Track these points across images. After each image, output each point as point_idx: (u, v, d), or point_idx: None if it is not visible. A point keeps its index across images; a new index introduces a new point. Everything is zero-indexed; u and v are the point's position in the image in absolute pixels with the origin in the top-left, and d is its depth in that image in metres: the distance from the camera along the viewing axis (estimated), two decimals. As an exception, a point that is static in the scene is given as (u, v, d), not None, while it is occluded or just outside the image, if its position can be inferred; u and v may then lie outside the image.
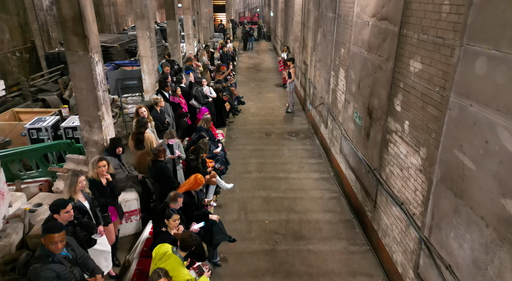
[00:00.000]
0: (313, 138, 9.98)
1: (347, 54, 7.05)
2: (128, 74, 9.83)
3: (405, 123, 4.37)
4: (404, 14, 4.46)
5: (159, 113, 7.09)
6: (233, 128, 10.81)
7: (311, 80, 11.13)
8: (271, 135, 10.33)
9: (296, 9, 14.52)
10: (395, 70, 4.70)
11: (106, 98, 5.85)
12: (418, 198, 3.99)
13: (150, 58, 9.02)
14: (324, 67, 9.19)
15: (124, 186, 5.56)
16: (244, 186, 7.43)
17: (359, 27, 6.27)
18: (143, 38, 8.83)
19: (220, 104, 10.34)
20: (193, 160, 5.97)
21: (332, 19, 8.24)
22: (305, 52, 12.39)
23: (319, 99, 9.77)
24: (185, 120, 8.40)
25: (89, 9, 5.36)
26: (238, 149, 9.31)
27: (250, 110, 12.58)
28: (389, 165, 4.87)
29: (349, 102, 6.85)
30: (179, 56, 12.69)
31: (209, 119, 7.60)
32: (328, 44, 8.65)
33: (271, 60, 22.24)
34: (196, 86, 8.74)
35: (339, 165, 7.57)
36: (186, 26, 15.88)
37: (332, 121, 8.27)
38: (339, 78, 7.63)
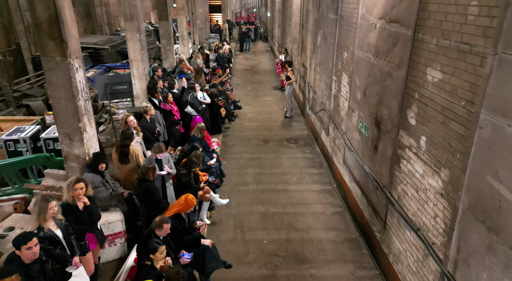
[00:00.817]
0: (313, 146, 9.49)
1: (350, 59, 6.56)
2: (118, 79, 9.29)
3: (421, 139, 3.88)
4: (419, 16, 3.97)
5: (149, 123, 6.56)
6: (229, 135, 10.29)
7: (310, 84, 10.64)
8: (269, 142, 9.82)
9: (294, 9, 14.04)
10: (408, 79, 4.21)
11: (89, 108, 5.32)
12: (439, 226, 3.50)
13: (140, 62, 8.49)
14: (324, 71, 8.70)
15: (108, 205, 5.04)
16: (241, 199, 6.92)
17: (364, 30, 5.78)
18: (133, 40, 8.30)
19: (215, 110, 9.82)
20: (184, 175, 5.45)
21: (334, 21, 7.76)
22: (304, 54, 11.90)
23: (319, 104, 9.28)
24: (177, 129, 7.88)
25: (68, 10, 4.83)
26: (235, 158, 8.80)
27: (247, 115, 12.07)
28: (401, 184, 4.38)
29: (353, 110, 6.36)
30: (172, 59, 12.15)
31: (203, 128, 7.08)
32: (329, 47, 8.17)
33: (268, 62, 21.76)
34: (190, 93, 8.21)
35: (342, 177, 7.08)
36: (181, 27, 15.34)
37: (334, 129, 7.78)
38: (342, 84, 7.14)
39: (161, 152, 5.15)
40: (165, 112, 7.59)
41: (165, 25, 11.63)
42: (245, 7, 56.00)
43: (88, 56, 13.73)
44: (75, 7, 15.24)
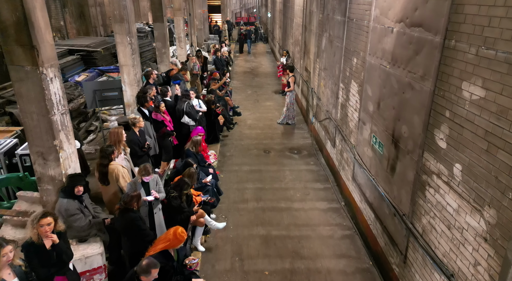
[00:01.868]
0: (318, 156, 8.86)
1: (361, 66, 5.93)
2: (108, 85, 8.67)
3: (454, 166, 3.25)
4: (450, 19, 3.34)
5: (137, 136, 5.92)
6: (228, 144, 9.66)
7: (314, 90, 10.01)
8: (270, 152, 9.19)
9: (296, 10, 13.41)
10: (435, 93, 3.58)
11: (67, 122, 4.69)
12: (482, 277, 2.86)
13: (131, 67, 7.87)
14: (330, 77, 8.07)
15: (86, 235, 4.40)
16: (240, 220, 6.28)
17: (378, 34, 5.15)
18: (123, 44, 7.67)
19: (213, 118, 9.18)
20: (175, 198, 4.81)
21: (341, 23, 7.12)
22: (307, 58, 11.27)
23: (324, 112, 8.64)
24: (170, 140, 7.24)
25: (40, 11, 4.20)
26: (233, 170, 8.16)
27: (247, 121, 11.43)
28: (427, 215, 3.74)
29: (364, 123, 5.73)
30: (168, 62, 11.51)
31: (198, 141, 6.45)
32: (336, 52, 7.53)
33: (268, 64, 21.12)
34: (185, 101, 7.57)
35: (351, 194, 6.44)
36: (178, 29, 14.70)
37: (341, 141, 7.15)
38: (351, 92, 6.51)
39: (147, 174, 4.51)
40: (157, 123, 6.95)
41: (160, 27, 11.01)
42: (245, 7, 55.39)
43: (80, 59, 13.10)
44: (67, 8, 14.62)
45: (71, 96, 9.88)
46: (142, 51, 16.36)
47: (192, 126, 7.54)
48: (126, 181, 4.84)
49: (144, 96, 6.46)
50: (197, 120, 7.55)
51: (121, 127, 5.28)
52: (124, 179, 4.80)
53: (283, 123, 11.07)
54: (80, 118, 10.11)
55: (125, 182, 4.77)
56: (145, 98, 6.46)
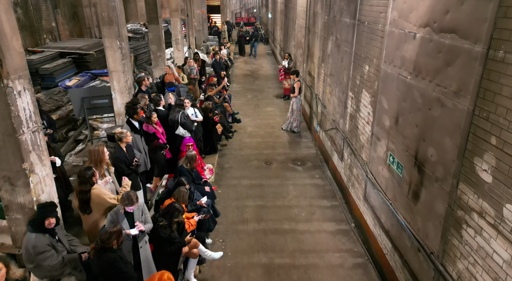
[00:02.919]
0: (323, 169, 8.24)
1: (374, 74, 5.32)
2: (97, 92, 8.07)
3: (505, 207, 2.63)
4: (497, 25, 2.72)
5: (124, 153, 5.30)
6: (227, 155, 9.04)
7: (318, 97, 9.39)
8: (272, 163, 8.57)
9: (299, 11, 12.80)
10: (476, 114, 2.96)
11: (39, 141, 4.07)
12: None
13: (121, 73, 7.25)
14: (337, 84, 7.45)
15: (59, 275, 3.78)
16: (239, 245, 5.66)
17: (396, 40, 4.53)
18: (112, 48, 7.06)
19: (211, 127, 8.56)
20: (164, 227, 4.20)
21: (350, 26, 6.51)
22: (310, 62, 10.65)
23: (330, 122, 8.03)
24: (163, 154, 6.62)
25: (5, 15, 3.58)
26: (232, 185, 7.54)
27: (247, 129, 10.82)
28: (464, 260, 3.12)
29: (378, 138, 5.11)
30: (164, 66, 10.89)
31: (193, 157, 5.83)
32: (344, 57, 6.92)
33: (269, 66, 20.51)
34: (180, 111, 6.94)
35: (362, 216, 5.83)
36: (174, 30, 14.09)
37: (350, 155, 6.53)
38: (362, 103, 5.89)
39: (131, 204, 3.88)
40: (148, 135, 6.33)
41: (155, 29, 10.40)
42: (245, 8, 54.80)
43: (71, 62, 12.47)
44: (59, 8, 14.00)
45: (59, 103, 9.26)
46: (138, 53, 15.74)
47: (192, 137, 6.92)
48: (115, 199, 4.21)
49: (133, 107, 5.83)
50: (193, 132, 6.92)
51: (102, 145, 4.66)
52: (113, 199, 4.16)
53: (287, 129, 10.44)
54: (69, 126, 9.49)
55: (115, 200, 4.14)
56: (134, 109, 5.83)
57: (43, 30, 13.00)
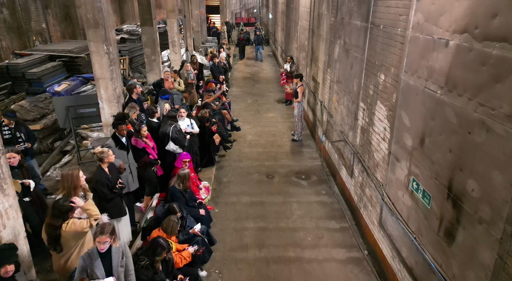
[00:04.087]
0: (330, 183, 7.59)
1: (392, 85, 4.67)
2: (83, 100, 7.42)
3: None
4: None
5: (106, 174, 4.64)
6: (225, 167, 8.38)
7: (324, 104, 8.74)
8: (274, 177, 7.91)
9: (302, 12, 12.15)
10: (541, 147, 2.31)
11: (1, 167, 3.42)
12: None
13: (109, 80, 6.61)
14: (346, 92, 6.80)
15: None
16: (238, 277, 5.00)
17: (421, 47, 3.88)
18: (98, 54, 6.42)
19: (207, 138, 7.92)
20: (146, 267, 3.55)
21: (361, 30, 5.86)
22: (314, 66, 10.00)
23: (337, 133, 7.38)
24: (154, 171, 5.97)
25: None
26: (230, 203, 6.89)
27: (247, 137, 10.16)
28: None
29: (398, 159, 4.46)
30: (158, 70, 10.25)
31: (186, 176, 5.19)
32: (354, 64, 6.27)
33: (270, 68, 19.86)
34: (172, 124, 6.28)
35: (377, 243, 5.18)
36: (171, 32, 13.45)
37: (362, 172, 5.87)
38: (376, 116, 5.24)
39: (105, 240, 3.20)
40: (137, 151, 5.68)
41: (149, 31, 9.75)
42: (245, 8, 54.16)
43: (62, 65, 11.82)
44: (50, 9, 13.34)
45: (45, 111, 8.62)
46: (134, 56, 15.10)
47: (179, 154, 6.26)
48: (94, 224, 3.56)
49: (115, 123, 5.16)
50: (185, 147, 6.26)
51: (77, 168, 3.99)
52: (90, 224, 3.50)
53: (300, 140, 9.76)
54: (55, 136, 8.84)
55: (91, 225, 3.48)
56: (115, 125, 5.17)
57: (32, 31, 12.35)
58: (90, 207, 3.60)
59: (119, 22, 20.46)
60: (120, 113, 5.29)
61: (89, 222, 3.58)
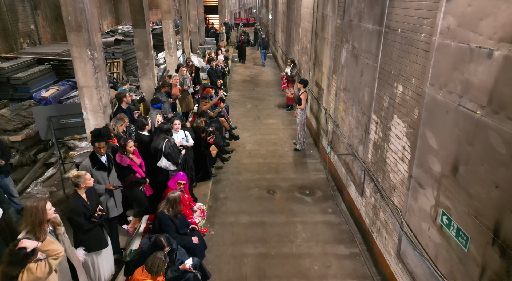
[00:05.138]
0: (336, 199, 6.97)
1: (413, 99, 4.05)
2: (67, 110, 6.79)
3: None
4: None
5: (83, 201, 4.02)
6: (222, 180, 7.76)
7: (329, 112, 8.13)
8: (276, 193, 7.29)
9: (304, 13, 11.54)
10: None
11: None
12: None
13: (94, 89, 5.99)
14: (355, 102, 6.18)
15: None
16: (236, 317, 4.39)
17: (453, 57, 3.27)
18: (82, 60, 5.79)
19: (203, 150, 7.29)
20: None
21: (374, 34, 5.25)
22: (318, 71, 9.39)
23: (345, 145, 6.76)
24: (141, 190, 5.34)
25: None
26: (228, 223, 6.26)
27: (246, 146, 9.54)
28: None
29: (421, 185, 3.84)
30: (152, 75, 9.63)
31: (176, 200, 4.57)
32: (365, 71, 5.65)
33: (270, 71, 19.24)
34: (165, 138, 5.64)
35: (394, 276, 4.56)
36: (166, 34, 12.81)
37: (375, 194, 5.25)
38: (393, 132, 4.62)
39: None
40: (122, 169, 5.05)
41: (142, 34, 9.12)
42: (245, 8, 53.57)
43: (50, 69, 11.18)
44: (39, 9, 12.70)
45: (28, 119, 7.97)
46: (128, 58, 14.50)
47: (172, 172, 5.62)
48: (54, 265, 2.94)
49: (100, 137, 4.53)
50: (179, 164, 5.63)
51: (44, 199, 3.36)
52: (49, 266, 2.88)
53: (302, 149, 9.15)
54: (39, 147, 8.20)
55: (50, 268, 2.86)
56: (93, 142, 4.53)
57: (19, 33, 11.71)
58: (49, 248, 2.98)
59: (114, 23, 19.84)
60: (96, 129, 4.63)
61: (47, 264, 2.96)
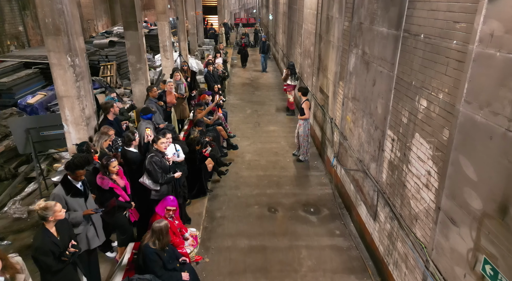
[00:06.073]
0: (344, 219, 6.35)
1: (441, 116, 3.43)
2: (47, 121, 6.18)
3: None
4: None
5: (52, 237, 3.39)
6: (219, 196, 7.13)
7: (335, 122, 7.51)
8: (278, 211, 6.67)
9: (307, 14, 10.92)
10: None
11: None
12: None
13: (75, 99, 5.38)
14: (366, 114, 5.57)
15: None
16: None
17: (498, 70, 2.65)
18: (61, 66, 5.18)
19: (198, 163, 6.67)
20: None
21: (390, 39, 4.63)
22: (322, 76, 8.77)
23: (354, 160, 6.14)
24: (125, 216, 4.72)
25: None
26: (224, 248, 5.64)
27: (245, 156, 8.93)
28: None
29: (454, 222, 3.22)
30: (145, 80, 9.00)
31: (162, 231, 3.95)
32: (379, 80, 5.03)
33: (271, 74, 18.62)
34: (152, 154, 5.01)
35: (414, 320, 3.94)
36: (162, 36, 12.20)
37: (391, 220, 4.63)
38: (414, 153, 4.00)
39: None
40: (103, 192, 4.43)
41: (133, 36, 8.50)
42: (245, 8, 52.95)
43: (39, 73, 10.57)
44: (28, 10, 12.09)
45: (8, 129, 7.35)
46: (122, 61, 13.87)
47: (157, 194, 4.98)
48: None
49: (75, 166, 3.87)
50: (161, 184, 4.97)
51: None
52: None
53: (306, 160, 8.53)
54: (22, 158, 7.58)
55: None
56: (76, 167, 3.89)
57: (6, 35, 11.09)
58: None
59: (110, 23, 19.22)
60: (84, 157, 3.97)
61: None
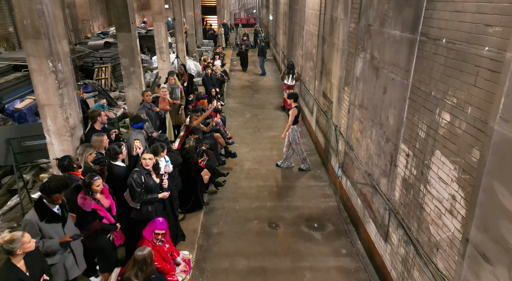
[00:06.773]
0: (351, 236, 5.89)
1: (470, 134, 2.97)
2: (30, 130, 5.72)
3: None
4: None
5: (19, 273, 2.93)
6: (216, 209, 6.67)
7: (339, 129, 7.05)
8: (279, 227, 6.21)
9: (309, 15, 10.46)
10: None
11: None
12: None
13: (58, 108, 4.92)
14: (375, 124, 5.11)
15: None
16: None
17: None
18: (41, 72, 4.72)
19: (193, 175, 6.21)
20: None
21: (404, 43, 4.17)
22: (326, 80, 8.32)
23: (362, 173, 5.68)
24: (109, 239, 4.25)
25: None
26: (221, 270, 5.17)
27: (244, 165, 8.47)
28: None
29: (488, 259, 2.76)
30: (139, 85, 8.54)
31: (146, 259, 3.49)
32: (390, 88, 4.58)
33: (271, 76, 18.17)
34: (136, 169, 4.54)
35: None
36: (158, 37, 11.75)
37: (406, 245, 4.17)
38: (434, 172, 3.54)
39: None
40: (84, 214, 3.97)
41: (126, 38, 8.04)
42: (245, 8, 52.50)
43: (28, 76, 10.10)
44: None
45: (-9, 138, 6.89)
46: (118, 63, 13.42)
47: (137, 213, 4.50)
48: None
49: (44, 187, 3.42)
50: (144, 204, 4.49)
51: None
52: None
53: (308, 169, 8.10)
54: (7, 168, 7.11)
55: None
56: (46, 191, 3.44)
57: (-5, 36, 10.64)
58: None
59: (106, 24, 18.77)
60: (61, 181, 3.51)
61: None
